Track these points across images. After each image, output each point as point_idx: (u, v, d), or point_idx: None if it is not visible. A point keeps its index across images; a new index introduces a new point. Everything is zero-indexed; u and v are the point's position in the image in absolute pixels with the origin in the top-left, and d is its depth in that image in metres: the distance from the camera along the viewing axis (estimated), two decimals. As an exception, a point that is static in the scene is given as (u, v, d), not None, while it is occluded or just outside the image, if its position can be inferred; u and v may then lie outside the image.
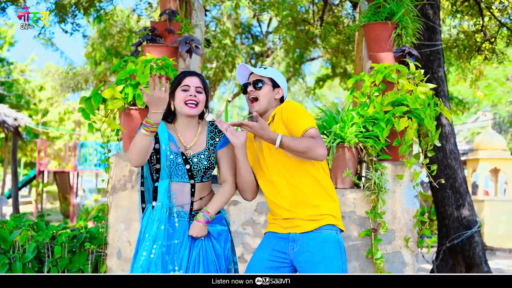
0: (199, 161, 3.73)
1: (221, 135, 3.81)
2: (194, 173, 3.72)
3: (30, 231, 5.96)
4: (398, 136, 5.25)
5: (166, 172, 3.70)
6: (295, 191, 3.70)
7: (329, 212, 3.71)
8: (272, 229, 3.81)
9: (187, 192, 3.74)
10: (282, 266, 3.72)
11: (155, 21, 6.39)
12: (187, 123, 3.81)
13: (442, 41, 8.73)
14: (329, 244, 3.64)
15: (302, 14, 13.92)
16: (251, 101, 3.84)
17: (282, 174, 3.72)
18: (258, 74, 3.85)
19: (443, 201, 8.22)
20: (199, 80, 3.79)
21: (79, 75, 21.59)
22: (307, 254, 3.63)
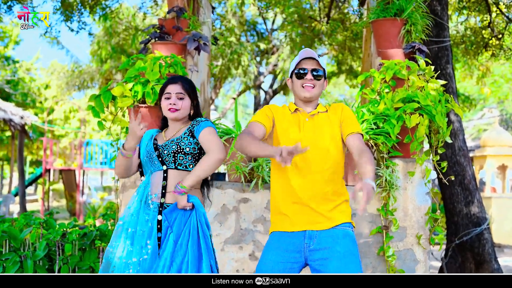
0: (167, 145, 3.85)
1: (197, 123, 3.86)
2: (164, 159, 3.84)
3: (41, 229, 5.95)
4: (409, 132, 5.23)
5: (146, 164, 3.95)
6: (328, 183, 3.69)
7: (345, 210, 3.74)
8: (281, 228, 3.75)
9: (161, 178, 3.85)
10: (296, 267, 3.69)
11: (163, 19, 6.38)
12: (173, 125, 4.00)
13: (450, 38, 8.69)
14: (347, 241, 3.64)
15: (308, 11, 13.88)
16: (306, 87, 3.78)
17: (322, 168, 3.69)
18: (319, 63, 3.81)
19: (452, 198, 8.19)
20: (180, 87, 3.93)
21: (84, 73, 21.59)
22: (324, 251, 3.61)
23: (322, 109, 3.83)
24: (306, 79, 3.77)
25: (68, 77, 22.47)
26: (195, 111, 4.03)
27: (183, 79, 3.99)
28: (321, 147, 3.70)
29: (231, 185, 5.45)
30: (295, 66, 3.83)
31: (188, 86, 3.96)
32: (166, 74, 5.46)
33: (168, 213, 3.72)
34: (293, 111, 3.83)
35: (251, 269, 5.39)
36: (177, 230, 3.70)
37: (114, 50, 18.22)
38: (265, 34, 19.77)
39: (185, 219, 3.73)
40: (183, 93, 3.91)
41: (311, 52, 3.82)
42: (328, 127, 3.75)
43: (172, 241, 3.67)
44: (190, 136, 3.86)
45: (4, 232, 5.83)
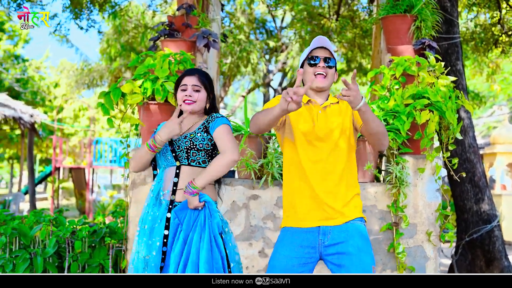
0: (181, 140, 3.82)
1: (213, 119, 3.83)
2: (178, 154, 3.81)
3: (51, 226, 5.97)
4: (419, 129, 5.21)
5: (160, 159, 3.91)
6: (341, 178, 3.67)
7: (358, 205, 3.73)
8: (294, 224, 3.71)
9: (173, 174, 3.82)
10: (311, 262, 3.67)
11: (172, 16, 6.38)
12: (189, 118, 3.95)
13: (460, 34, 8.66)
14: (361, 235, 3.63)
15: (317, 8, 13.86)
16: (318, 76, 3.73)
17: (337, 158, 3.68)
18: (331, 52, 3.77)
19: (462, 195, 8.16)
20: (196, 79, 3.89)
21: (94, 72, 21.64)
22: (338, 246, 3.59)
23: (333, 100, 3.79)
24: (319, 67, 3.72)
25: (77, 75, 22.53)
26: (211, 104, 3.99)
27: (200, 72, 3.95)
28: (333, 140, 3.68)
29: (241, 182, 5.44)
30: (308, 53, 3.79)
31: (205, 78, 3.93)
32: (176, 71, 5.46)
33: (178, 211, 3.71)
34: (305, 102, 3.78)
35: (260, 266, 5.39)
36: (187, 228, 3.68)
37: (123, 48, 18.25)
38: (274, 32, 19.77)
39: (194, 217, 3.71)
40: (199, 86, 3.87)
41: (325, 41, 3.77)
42: (340, 120, 3.71)
43: (182, 240, 3.66)
44: (204, 131, 3.82)
45: (14, 229, 5.84)
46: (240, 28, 16.87)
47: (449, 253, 9.44)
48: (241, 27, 16.94)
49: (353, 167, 3.77)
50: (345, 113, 3.76)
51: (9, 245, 5.82)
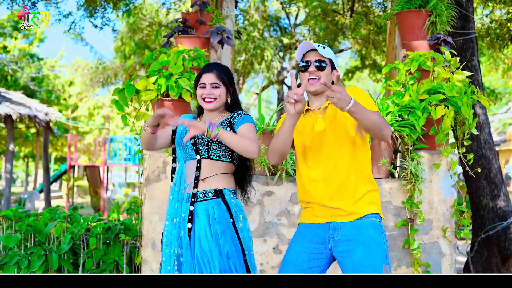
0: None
1: (239, 115, 3.80)
2: (198, 147, 3.78)
3: (65, 223, 5.98)
4: (434, 124, 5.18)
5: (180, 151, 3.88)
6: (348, 176, 3.65)
7: (372, 201, 3.68)
8: (308, 220, 3.73)
9: (194, 168, 3.79)
10: (321, 258, 3.66)
11: (186, 13, 6.38)
12: (210, 115, 3.91)
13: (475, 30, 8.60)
14: (373, 232, 3.58)
15: (331, 5, 13.83)
16: (310, 81, 3.72)
17: (340, 157, 3.66)
18: (321, 54, 3.74)
19: (478, 191, 8.10)
20: (215, 76, 3.84)
21: (108, 70, 21.71)
22: (349, 243, 3.57)
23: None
24: (310, 71, 3.71)
25: (92, 73, 22.62)
26: (233, 99, 3.93)
27: (218, 67, 3.90)
28: (336, 142, 3.67)
29: (255, 178, 5.43)
30: (300, 60, 3.80)
31: (223, 74, 3.87)
32: (190, 68, 5.46)
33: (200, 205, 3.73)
34: (304, 113, 3.78)
35: (274, 262, 5.38)
36: (202, 223, 3.69)
37: (137, 46, 18.29)
38: (288, 29, 19.73)
39: (206, 211, 3.72)
40: (218, 83, 3.82)
41: (310, 44, 3.77)
42: (341, 119, 3.68)
43: (203, 235, 3.67)
44: (228, 126, 3.79)
45: (29, 226, 5.86)
46: (254, 25, 16.86)
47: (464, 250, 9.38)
48: (255, 24, 16.92)
49: (363, 164, 3.71)
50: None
51: (24, 241, 5.84)
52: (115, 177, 39.55)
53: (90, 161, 24.01)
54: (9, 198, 16.69)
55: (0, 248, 5.85)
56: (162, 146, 4.02)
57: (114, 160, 22.91)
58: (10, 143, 17.06)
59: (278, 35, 19.74)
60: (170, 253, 3.76)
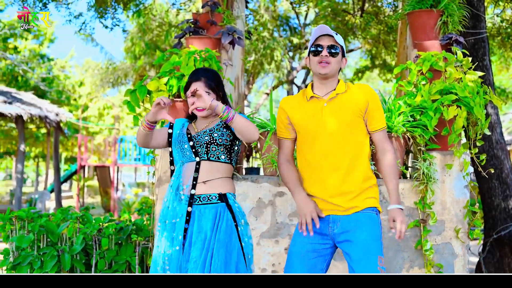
0: (201, 136, 3.81)
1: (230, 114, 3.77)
2: (197, 150, 3.79)
3: (78, 223, 6.00)
4: (446, 125, 5.16)
5: (178, 154, 3.89)
6: (350, 176, 3.72)
7: (371, 195, 3.77)
8: None
9: (192, 169, 3.80)
10: (324, 248, 3.76)
11: (197, 13, 6.39)
12: (204, 120, 3.95)
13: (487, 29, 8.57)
14: (369, 225, 3.68)
15: (341, 5, 13.80)
16: (322, 64, 3.75)
17: (343, 148, 3.73)
18: (335, 40, 3.78)
19: (490, 192, 8.07)
20: (203, 84, 3.85)
21: (118, 70, 21.76)
22: (347, 234, 3.68)
23: (341, 90, 3.79)
24: (322, 56, 3.75)
25: (102, 74, 22.68)
26: (223, 103, 3.90)
27: (206, 74, 3.89)
28: (339, 134, 3.73)
29: (267, 179, 5.43)
30: (312, 43, 3.82)
31: (212, 80, 3.88)
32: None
33: (199, 206, 3.74)
34: (308, 98, 3.83)
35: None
36: (205, 225, 3.71)
37: (147, 47, 18.33)
38: (298, 29, 19.72)
39: (213, 215, 3.73)
40: (207, 90, 3.84)
41: (327, 29, 3.79)
42: (347, 111, 3.74)
43: (203, 237, 3.68)
44: (224, 127, 3.84)
45: (42, 227, 5.89)
46: (264, 25, 16.85)
47: (476, 250, 9.34)
48: (265, 24, 16.92)
49: (362, 163, 3.77)
50: (357, 107, 3.76)
51: (37, 242, 5.86)
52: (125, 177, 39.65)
53: (100, 161, 24.05)
54: (20, 198, 16.74)
55: (13, 249, 5.87)
56: (157, 146, 4.05)
57: (124, 160, 22.95)
58: (21, 144, 17.12)
59: (287, 35, 19.73)
60: (160, 254, 3.78)
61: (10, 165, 41.51)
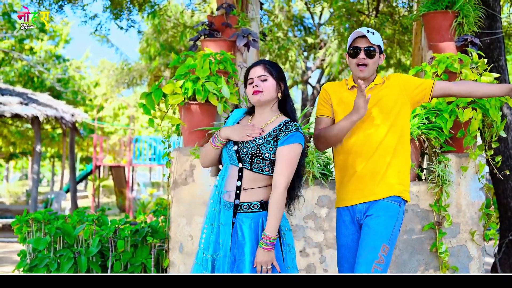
0: (248, 144, 3.64)
1: (287, 132, 3.61)
2: (242, 157, 3.66)
3: (94, 225, 6.04)
4: (462, 127, 5.15)
5: (225, 153, 3.76)
6: (391, 158, 3.83)
7: (399, 182, 3.88)
8: (341, 204, 3.99)
9: (235, 176, 3.68)
10: (359, 232, 3.93)
11: (212, 16, 6.41)
12: (261, 113, 3.75)
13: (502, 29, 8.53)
14: (388, 213, 3.80)
15: (356, 4, 13.78)
16: (360, 67, 3.87)
17: (378, 136, 3.84)
18: (370, 42, 3.87)
19: (505, 192, 8.02)
20: (261, 68, 3.72)
21: (133, 71, 21.81)
22: (366, 219, 3.83)
23: (379, 81, 3.93)
24: (359, 58, 3.87)
25: (117, 74, 22.74)
26: (284, 96, 3.77)
27: (266, 61, 3.77)
28: (375, 119, 3.84)
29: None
30: (350, 44, 3.93)
31: (271, 66, 3.74)
32: (216, 71, 5.47)
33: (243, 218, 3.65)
34: (350, 87, 3.97)
35: (301, 265, 5.38)
36: (247, 236, 3.62)
37: (162, 47, 18.38)
38: (313, 29, 19.69)
39: (255, 224, 3.64)
40: (265, 74, 3.68)
41: (364, 30, 3.89)
42: (388, 100, 3.86)
43: (249, 253, 3.60)
44: (274, 141, 3.63)
45: (58, 229, 5.93)
46: (279, 25, 16.85)
47: (491, 251, 9.30)
48: (279, 25, 16.91)
49: (403, 146, 3.89)
50: (396, 93, 3.89)
51: (53, 244, 5.90)
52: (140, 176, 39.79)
53: (116, 161, 24.17)
54: (36, 198, 16.83)
55: (30, 251, 5.92)
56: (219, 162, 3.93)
57: (139, 160, 23.03)
58: (37, 144, 17.21)
59: (302, 35, 19.71)
60: (207, 258, 3.69)
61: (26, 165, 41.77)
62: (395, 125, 3.83)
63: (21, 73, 24.05)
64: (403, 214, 3.86)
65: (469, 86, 3.97)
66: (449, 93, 3.98)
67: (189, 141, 5.55)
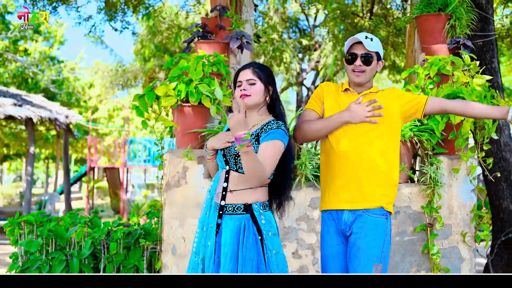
0: (233, 146, 3.68)
1: (268, 129, 3.62)
2: (228, 159, 3.71)
3: (86, 228, 6.03)
4: (454, 129, 5.17)
5: (218, 161, 3.82)
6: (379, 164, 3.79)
7: (388, 193, 3.84)
8: (326, 207, 3.93)
9: (223, 178, 3.72)
10: (344, 243, 3.88)
11: (206, 18, 6.41)
12: (249, 115, 3.76)
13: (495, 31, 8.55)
14: (376, 231, 3.76)
15: (350, 7, 13.81)
16: (356, 73, 3.84)
17: (371, 141, 3.80)
18: (369, 49, 3.81)
19: (498, 194, 8.06)
20: (250, 71, 3.72)
21: (128, 72, 21.82)
22: (354, 237, 3.77)
23: (374, 90, 3.89)
24: (355, 65, 3.83)
25: (111, 76, 22.75)
26: (272, 100, 3.77)
27: (256, 64, 3.78)
28: (369, 132, 3.79)
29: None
30: (347, 50, 3.89)
31: (260, 70, 3.73)
32: (209, 73, 5.47)
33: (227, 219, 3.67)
34: (343, 89, 3.94)
35: (293, 267, 5.38)
36: (229, 239, 3.63)
37: (157, 49, 18.39)
38: (307, 31, 19.72)
39: (237, 227, 3.64)
40: (254, 78, 3.68)
41: (361, 36, 3.84)
42: (380, 109, 3.80)
43: (230, 253, 3.61)
44: (256, 140, 3.65)
45: (51, 231, 5.92)
46: (273, 27, 16.87)
47: (484, 252, 9.33)
48: (274, 26, 16.93)
49: (391, 153, 3.85)
50: (390, 101, 3.84)
51: (45, 246, 5.90)
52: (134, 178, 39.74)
53: (110, 163, 24.14)
54: (29, 200, 16.81)
55: (22, 253, 5.91)
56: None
57: (133, 161, 23.01)
58: (31, 146, 17.18)
59: (297, 37, 19.73)
60: (198, 262, 3.73)
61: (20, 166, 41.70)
62: (385, 135, 3.79)
63: (15, 75, 23.99)
64: (390, 227, 3.84)
65: (464, 105, 3.90)
66: (443, 110, 3.92)
67: (182, 143, 5.55)
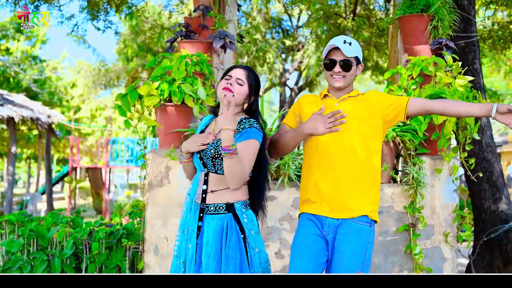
0: (208, 149, 3.67)
1: (241, 129, 3.62)
2: (205, 162, 3.70)
3: (68, 228, 6.00)
4: (436, 129, 5.19)
5: (195, 164, 3.81)
6: (350, 185, 3.73)
7: (371, 200, 3.79)
8: (308, 210, 3.84)
9: (202, 180, 3.72)
10: (324, 248, 3.79)
11: (189, 17, 6.40)
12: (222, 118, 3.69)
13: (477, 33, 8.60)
14: (359, 238, 3.71)
15: (333, 7, 13.84)
16: (336, 78, 3.78)
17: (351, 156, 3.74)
18: (347, 55, 3.75)
19: (480, 194, 8.10)
20: (243, 73, 3.74)
21: (111, 72, 21.74)
22: (336, 242, 3.72)
23: (354, 94, 3.84)
24: (335, 71, 3.77)
25: (94, 75, 22.65)
26: (251, 107, 3.79)
27: (251, 70, 3.78)
28: (346, 131, 3.73)
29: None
30: (325, 56, 3.84)
31: (253, 77, 3.76)
32: (192, 73, 5.46)
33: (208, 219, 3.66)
34: (322, 96, 3.88)
35: (276, 267, 5.38)
36: (212, 238, 3.63)
37: (140, 49, 18.33)
38: (291, 31, 19.72)
39: (220, 227, 3.63)
40: (243, 80, 3.70)
41: (339, 41, 3.78)
42: (361, 113, 3.76)
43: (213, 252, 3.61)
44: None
45: (32, 231, 5.88)
46: (257, 27, 16.86)
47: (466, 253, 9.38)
48: (257, 27, 16.93)
49: (372, 158, 3.79)
50: (370, 104, 3.80)
51: (27, 246, 5.86)
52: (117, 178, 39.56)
53: (92, 163, 24.02)
54: (11, 200, 16.71)
55: (3, 253, 5.87)
56: None
57: (116, 161, 22.91)
58: (12, 145, 17.08)
59: (280, 37, 19.74)
60: (180, 265, 3.74)
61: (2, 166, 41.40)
62: (366, 139, 3.74)
63: (-4, 74, 23.85)
64: (374, 235, 3.80)
65: (447, 104, 3.81)
66: (426, 110, 3.83)
67: (165, 142, 5.54)
